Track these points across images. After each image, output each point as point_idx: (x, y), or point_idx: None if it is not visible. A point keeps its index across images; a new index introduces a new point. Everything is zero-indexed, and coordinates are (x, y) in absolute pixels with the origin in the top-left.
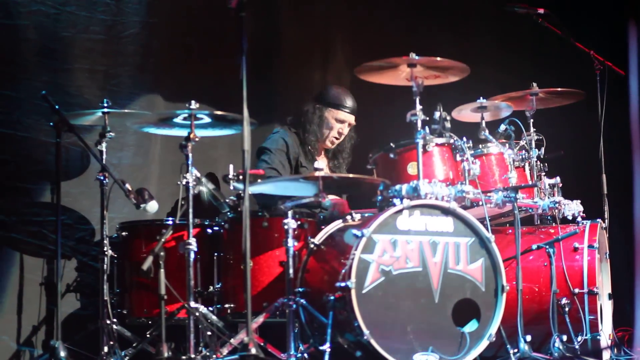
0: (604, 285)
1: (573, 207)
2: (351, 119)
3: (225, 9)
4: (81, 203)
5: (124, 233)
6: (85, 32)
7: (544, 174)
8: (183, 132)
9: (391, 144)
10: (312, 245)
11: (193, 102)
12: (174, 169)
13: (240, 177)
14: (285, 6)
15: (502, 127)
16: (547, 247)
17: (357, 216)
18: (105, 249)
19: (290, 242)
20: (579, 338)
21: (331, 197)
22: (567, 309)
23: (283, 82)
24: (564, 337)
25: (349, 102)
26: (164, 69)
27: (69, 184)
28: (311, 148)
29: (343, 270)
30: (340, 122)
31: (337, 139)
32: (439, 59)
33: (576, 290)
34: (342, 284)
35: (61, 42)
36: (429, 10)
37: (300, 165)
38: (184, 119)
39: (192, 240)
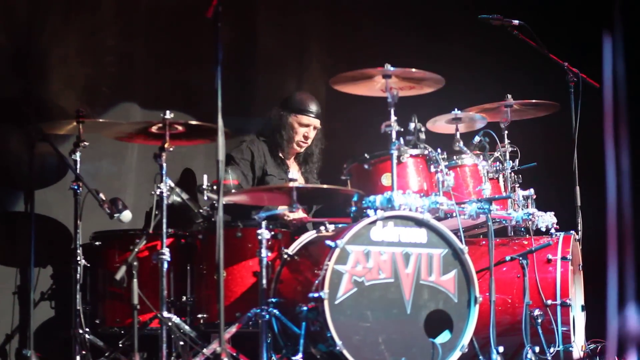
0: (577, 297)
1: (547, 219)
2: (316, 122)
3: (202, 18)
4: (57, 211)
5: (97, 242)
6: (62, 40)
7: (518, 185)
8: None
9: (365, 155)
10: (285, 256)
11: (168, 111)
12: (151, 178)
13: (214, 187)
14: (261, 16)
15: (477, 138)
16: (521, 258)
17: (331, 227)
18: (78, 258)
19: (264, 253)
20: (552, 349)
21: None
22: (539, 321)
23: (259, 91)
24: (537, 349)
25: (312, 106)
26: (140, 78)
27: (45, 192)
28: (281, 154)
29: (316, 281)
30: (304, 127)
31: (304, 142)
32: (413, 70)
33: (549, 302)
34: (315, 295)
35: (37, 50)
36: (404, 22)
37: (267, 174)
38: (159, 128)
39: (166, 250)
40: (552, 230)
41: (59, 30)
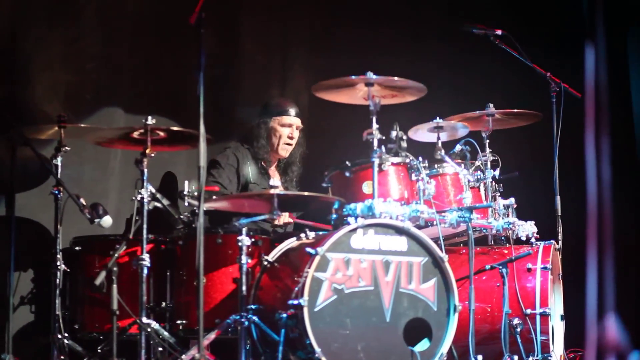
0: (556, 306)
1: (527, 228)
2: (297, 121)
3: (185, 25)
4: (39, 215)
5: (77, 247)
6: (45, 45)
7: (498, 194)
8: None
9: (347, 163)
10: (265, 263)
11: (149, 117)
12: (133, 183)
13: (195, 193)
14: (244, 23)
15: (458, 147)
16: (501, 267)
17: (312, 234)
18: (58, 263)
19: (244, 259)
20: (530, 358)
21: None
22: (519, 330)
23: (241, 99)
24: (515, 358)
25: (291, 107)
26: (124, 84)
27: (27, 196)
28: (264, 163)
29: (296, 288)
30: (287, 127)
31: (289, 144)
32: (396, 78)
33: (528, 311)
34: (295, 302)
35: (21, 55)
36: (387, 30)
37: (250, 182)
38: (140, 134)
39: (146, 256)
40: (533, 240)
41: (43, 36)
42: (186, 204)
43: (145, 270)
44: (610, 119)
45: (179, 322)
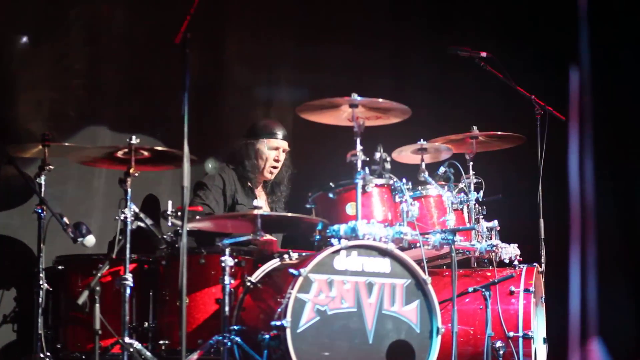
0: (539, 329)
1: (510, 251)
2: (284, 144)
3: (170, 44)
4: (22, 234)
5: (60, 266)
6: (31, 64)
7: (482, 217)
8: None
9: (330, 184)
10: (248, 283)
11: (134, 137)
12: (117, 202)
13: (179, 213)
14: (229, 44)
15: (442, 169)
16: (483, 290)
17: (295, 255)
18: (41, 281)
19: (227, 280)
20: None
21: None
22: (501, 352)
23: (226, 119)
24: None
25: (279, 129)
26: (109, 103)
27: (10, 215)
28: (250, 183)
29: (279, 309)
30: (274, 150)
31: (275, 167)
32: (380, 100)
33: (511, 334)
34: (278, 323)
35: (6, 73)
36: (372, 53)
37: (237, 203)
38: (125, 153)
39: (129, 276)
40: (516, 262)
41: (29, 54)
42: (169, 223)
43: (128, 290)
44: (594, 142)
45: (161, 342)
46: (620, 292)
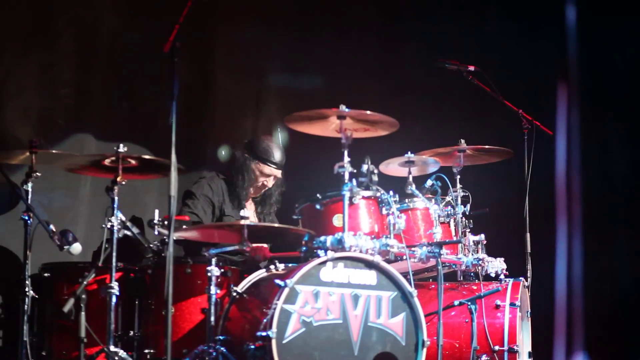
0: (525, 343)
1: (496, 265)
2: (277, 173)
3: (159, 53)
4: (8, 241)
5: (46, 274)
6: (20, 72)
7: (468, 230)
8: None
9: (318, 195)
10: (234, 294)
11: (121, 145)
12: (103, 210)
13: (166, 222)
14: (218, 53)
15: (429, 182)
16: (469, 303)
17: (281, 266)
18: (26, 289)
19: (213, 290)
20: None
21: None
22: None
23: (214, 128)
24: None
25: (277, 156)
26: (96, 111)
27: None
28: (238, 195)
29: (264, 320)
30: (265, 176)
31: (260, 189)
32: (368, 112)
33: (496, 348)
34: (263, 334)
35: None
36: (360, 67)
37: (224, 214)
38: (112, 162)
39: (115, 284)
40: (502, 276)
41: (17, 62)
42: (156, 232)
43: (114, 299)
44: (582, 157)
45: (146, 351)
46: (607, 305)
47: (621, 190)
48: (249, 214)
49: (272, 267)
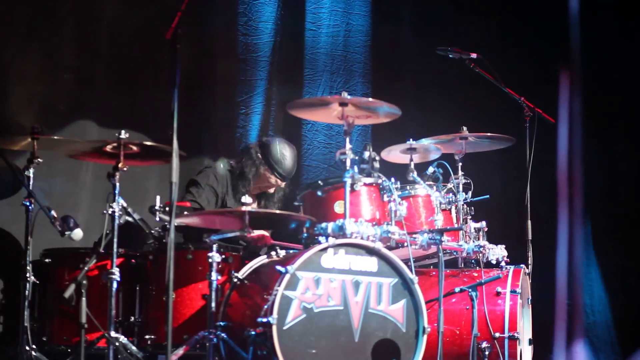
0: (525, 330)
1: (497, 252)
2: (281, 184)
3: (161, 39)
4: (10, 226)
5: (47, 260)
6: (23, 59)
7: (470, 217)
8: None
9: (319, 182)
10: (235, 280)
11: (123, 131)
12: (104, 196)
13: (167, 208)
14: (220, 39)
15: (431, 169)
16: (470, 290)
17: (282, 252)
18: (27, 274)
19: (214, 276)
20: None
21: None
22: (487, 353)
23: (215, 115)
24: None
25: (287, 169)
26: (98, 97)
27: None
28: (242, 189)
29: (265, 306)
30: (270, 183)
31: (261, 190)
32: (370, 99)
33: (497, 335)
34: (264, 320)
35: None
36: (361, 54)
37: (226, 206)
38: (114, 148)
39: (116, 270)
40: (503, 263)
41: (21, 50)
42: (157, 219)
43: (115, 284)
44: (584, 145)
45: (147, 337)
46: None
47: (624, 181)
48: (249, 200)
49: (273, 253)
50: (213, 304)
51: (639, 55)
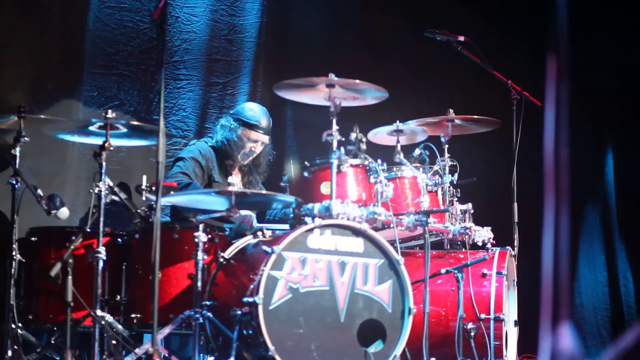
0: (511, 312)
1: (483, 234)
2: (264, 139)
3: (149, 19)
4: (1, 204)
5: (33, 238)
6: (13, 39)
7: (456, 199)
8: (100, 141)
9: (305, 163)
10: (221, 260)
11: (110, 111)
12: (90, 176)
13: (153, 188)
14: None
15: (417, 151)
16: (456, 271)
17: (268, 232)
18: (13, 253)
19: (200, 255)
20: None
21: (243, 212)
22: (472, 334)
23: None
24: None
25: (264, 122)
26: (85, 77)
27: None
28: (227, 162)
29: (251, 286)
30: (252, 142)
31: (248, 156)
32: (357, 81)
33: (482, 316)
34: (250, 299)
35: None
36: (348, 35)
37: (213, 180)
38: (100, 127)
39: (102, 249)
40: (489, 245)
41: (11, 30)
42: (143, 198)
43: (101, 263)
44: (570, 129)
45: (133, 315)
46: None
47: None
48: (237, 181)
49: (259, 233)
50: (199, 284)
51: (629, 36)
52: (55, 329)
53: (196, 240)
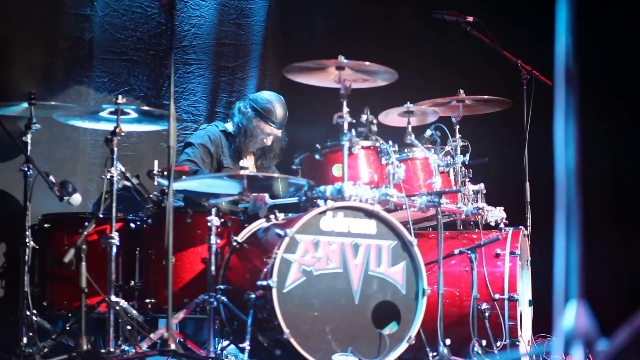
0: (525, 291)
1: (496, 214)
2: (277, 132)
3: (158, 4)
4: (13, 189)
5: (46, 225)
6: (24, 27)
7: (468, 180)
8: (111, 126)
9: (317, 145)
10: (234, 243)
11: (120, 96)
12: (102, 162)
13: (165, 172)
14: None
15: (428, 132)
16: (469, 252)
17: (281, 215)
18: (27, 239)
19: (213, 239)
20: (498, 343)
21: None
22: (487, 314)
23: (216, 80)
24: (484, 342)
25: (279, 115)
26: (97, 63)
27: (1, 169)
28: (238, 148)
29: (265, 269)
30: (265, 134)
31: (259, 145)
32: (367, 63)
33: (497, 296)
34: (264, 283)
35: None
36: (359, 15)
37: (222, 166)
38: (110, 113)
39: (115, 234)
40: (502, 225)
41: (22, 17)
42: (155, 183)
43: (115, 249)
44: (580, 107)
45: (147, 300)
46: (606, 254)
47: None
48: (249, 164)
49: (272, 216)
50: (213, 268)
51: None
52: (70, 315)
53: (209, 224)
